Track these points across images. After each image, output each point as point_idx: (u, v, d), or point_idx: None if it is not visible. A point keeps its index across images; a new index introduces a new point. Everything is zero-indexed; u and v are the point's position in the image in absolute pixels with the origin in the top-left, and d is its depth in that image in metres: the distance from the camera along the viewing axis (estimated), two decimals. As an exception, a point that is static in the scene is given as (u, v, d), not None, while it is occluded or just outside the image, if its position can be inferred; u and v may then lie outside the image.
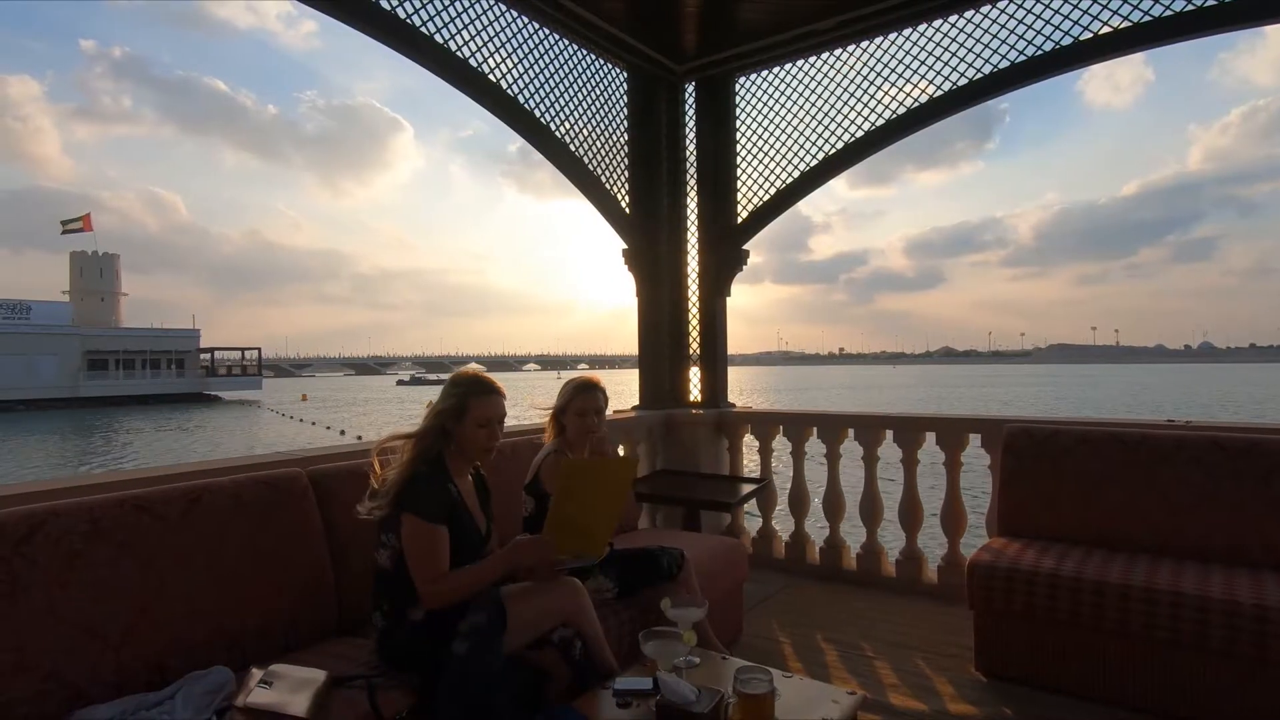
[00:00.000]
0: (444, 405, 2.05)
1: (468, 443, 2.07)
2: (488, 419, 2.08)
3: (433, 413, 2.07)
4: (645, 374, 4.83)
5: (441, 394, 2.10)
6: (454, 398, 2.05)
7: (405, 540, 1.90)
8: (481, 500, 2.20)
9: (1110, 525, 3.02)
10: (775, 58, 4.55)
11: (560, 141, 4.11)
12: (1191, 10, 3.33)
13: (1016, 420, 3.50)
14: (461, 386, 2.08)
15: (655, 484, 4.12)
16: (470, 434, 2.06)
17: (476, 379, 2.12)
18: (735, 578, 3.15)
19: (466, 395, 2.06)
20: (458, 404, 2.04)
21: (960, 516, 3.82)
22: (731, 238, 4.76)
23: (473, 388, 2.08)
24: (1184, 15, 3.34)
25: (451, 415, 2.04)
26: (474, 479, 2.21)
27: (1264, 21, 3.31)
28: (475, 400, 2.06)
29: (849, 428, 4.18)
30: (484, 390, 2.09)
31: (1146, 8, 3.44)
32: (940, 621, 3.43)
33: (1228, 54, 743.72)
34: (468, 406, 2.05)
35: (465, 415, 2.05)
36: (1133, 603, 2.50)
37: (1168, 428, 3.21)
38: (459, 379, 2.12)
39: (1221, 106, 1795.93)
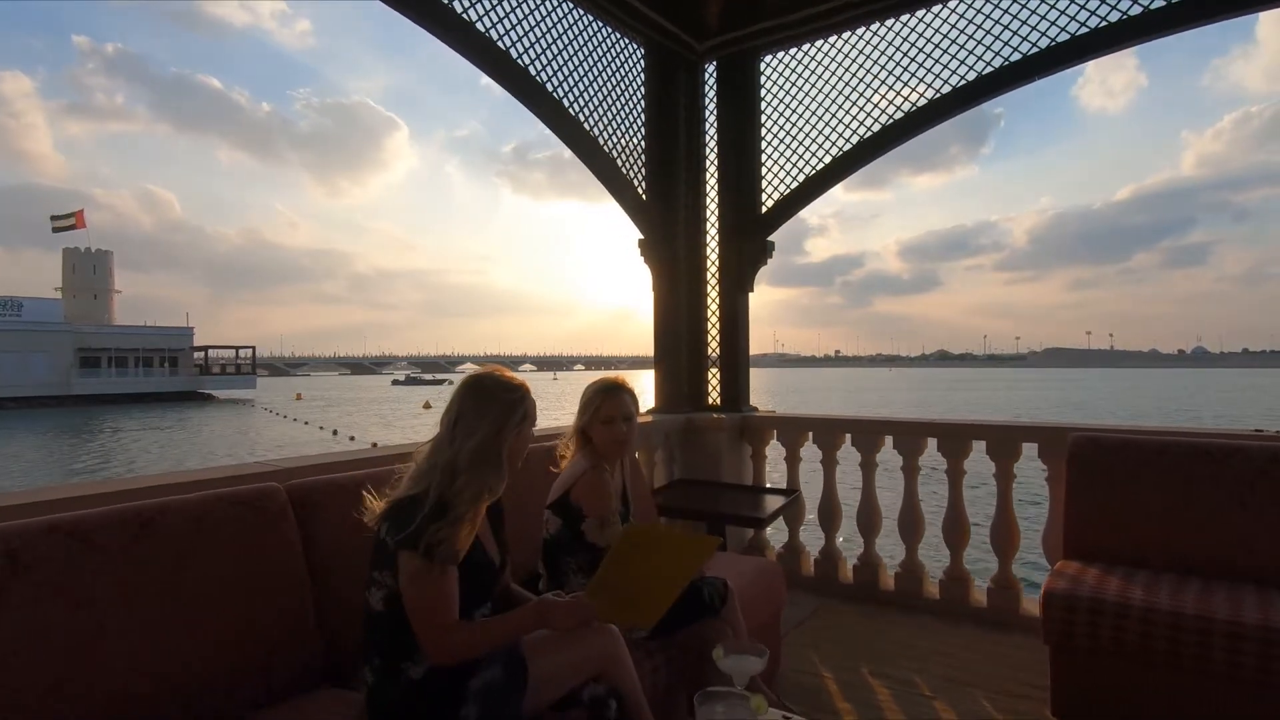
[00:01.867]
0: (507, 412, 1.71)
1: (520, 450, 1.76)
2: (534, 419, 1.77)
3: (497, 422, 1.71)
4: (662, 374, 4.47)
5: (487, 404, 1.70)
6: (518, 403, 1.72)
7: (405, 583, 1.53)
8: (494, 526, 1.83)
9: (1198, 548, 2.68)
10: (805, 34, 4.20)
11: (574, 119, 3.76)
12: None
13: (1082, 428, 3.16)
14: (520, 389, 1.74)
15: (675, 495, 3.76)
16: (522, 442, 1.75)
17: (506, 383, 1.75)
18: (774, 606, 2.79)
19: (526, 395, 1.75)
20: (524, 411, 1.72)
21: (1013, 533, 3.47)
22: (755, 229, 4.41)
23: (521, 387, 1.76)
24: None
25: (517, 420, 1.72)
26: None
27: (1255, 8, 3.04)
28: (530, 401, 1.74)
29: (887, 435, 3.83)
30: (528, 394, 1.78)
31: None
32: (997, 653, 3.08)
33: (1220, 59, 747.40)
34: (528, 408, 1.73)
35: (526, 419, 1.74)
36: (1246, 642, 2.16)
37: (1260, 438, 2.87)
38: (502, 379, 1.75)
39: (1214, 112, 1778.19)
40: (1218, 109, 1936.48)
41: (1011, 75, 3.64)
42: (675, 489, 3.91)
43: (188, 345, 61.15)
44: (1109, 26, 3.37)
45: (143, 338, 58.20)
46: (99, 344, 54.61)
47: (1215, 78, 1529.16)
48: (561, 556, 2.14)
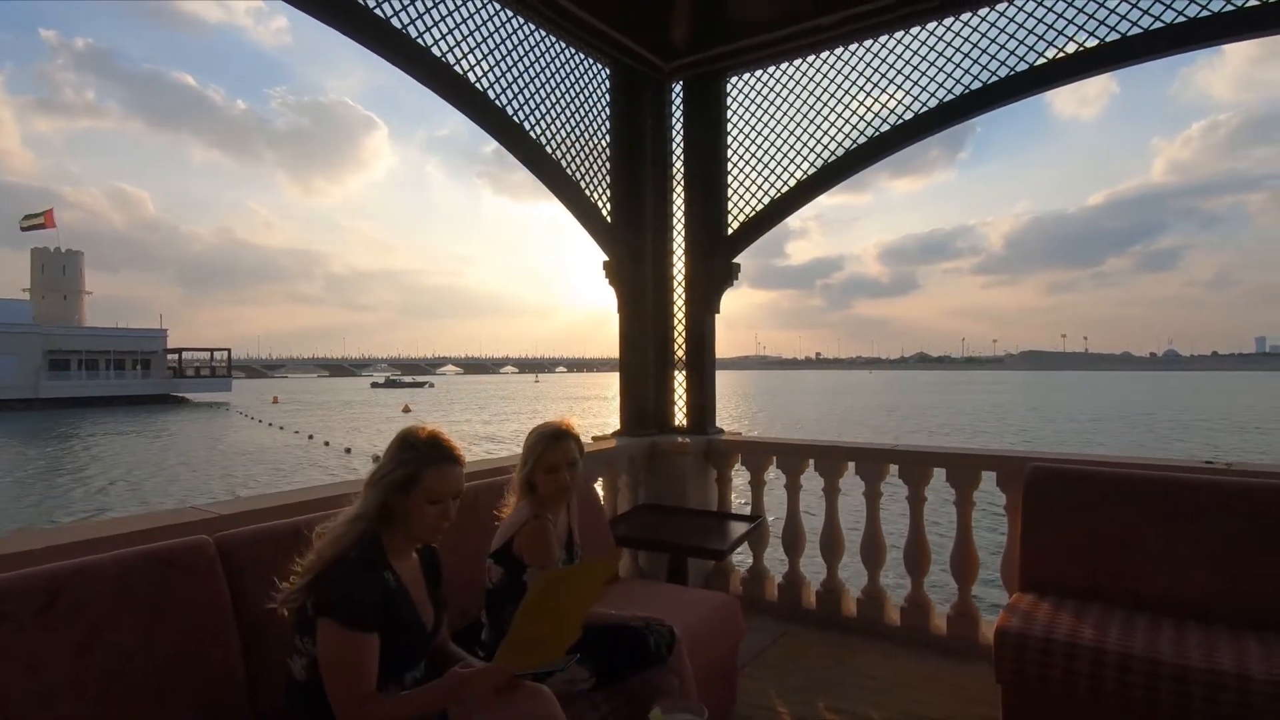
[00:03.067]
0: (388, 470, 1.63)
1: (414, 522, 1.65)
2: (442, 495, 1.65)
3: (375, 476, 1.65)
4: (627, 397, 4.43)
5: (387, 458, 1.67)
6: (407, 465, 1.63)
7: (322, 650, 1.48)
8: (430, 584, 1.78)
9: (1150, 584, 2.69)
10: (771, 56, 4.19)
11: (535, 142, 3.71)
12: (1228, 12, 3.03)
13: (1041, 458, 3.17)
14: (416, 451, 1.65)
15: (638, 522, 3.73)
16: (418, 511, 1.64)
17: (434, 441, 1.68)
18: (730, 642, 2.76)
19: (421, 464, 1.63)
20: (411, 474, 1.62)
21: (972, 562, 3.47)
22: (721, 250, 4.39)
23: (430, 455, 1.66)
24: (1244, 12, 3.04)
25: (399, 483, 1.62)
26: (421, 557, 1.78)
27: (1227, 39, 3.08)
28: (431, 471, 1.64)
29: (850, 460, 3.83)
30: (443, 458, 1.67)
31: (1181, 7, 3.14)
32: (956, 685, 3.08)
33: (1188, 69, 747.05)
34: (421, 477, 1.63)
35: (416, 486, 1.62)
36: (1192, 685, 2.16)
37: (1210, 471, 2.90)
38: (414, 440, 1.67)
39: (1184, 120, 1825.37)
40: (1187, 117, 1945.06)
41: (977, 101, 3.64)
42: (639, 515, 3.87)
43: (161, 347, 60.09)
44: (1068, 58, 3.39)
45: (114, 340, 57.10)
46: (69, 346, 53.50)
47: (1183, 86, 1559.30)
48: (504, 605, 2.10)
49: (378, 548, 1.62)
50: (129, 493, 18.89)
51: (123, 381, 55.80)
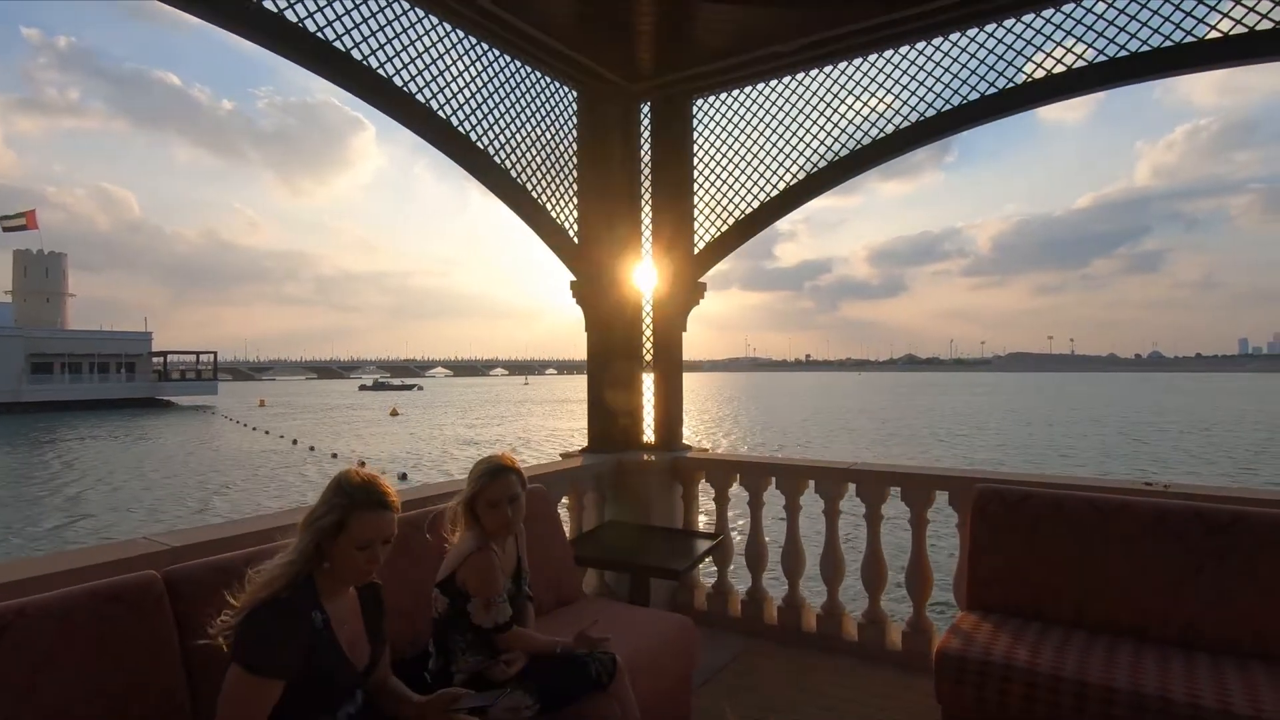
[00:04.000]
0: (320, 513, 1.68)
1: (342, 566, 1.69)
2: (369, 541, 1.69)
3: (309, 518, 1.69)
4: (595, 414, 4.49)
5: (321, 501, 1.71)
6: (337, 510, 1.66)
7: (224, 686, 1.53)
8: (369, 620, 1.82)
9: (1089, 603, 2.78)
10: (734, 80, 4.28)
11: (500, 168, 3.76)
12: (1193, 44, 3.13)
13: (988, 478, 3.25)
14: (346, 497, 1.68)
15: (603, 540, 3.79)
16: (345, 555, 1.67)
17: (367, 487, 1.71)
18: (684, 666, 2.82)
19: (350, 509, 1.67)
20: (339, 519, 1.66)
21: (926, 579, 3.56)
22: (687, 270, 4.46)
23: (359, 499, 1.68)
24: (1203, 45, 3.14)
25: (329, 527, 1.66)
26: (361, 592, 1.83)
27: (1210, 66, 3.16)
28: (359, 516, 1.67)
29: (810, 479, 3.90)
30: (373, 504, 1.69)
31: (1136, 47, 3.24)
32: (908, 702, 3.15)
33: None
34: (349, 524, 1.66)
35: (344, 532, 1.66)
36: (1116, 707, 2.25)
37: (1147, 493, 2.99)
38: (345, 484, 1.71)
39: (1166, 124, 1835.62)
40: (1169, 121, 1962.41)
41: (934, 127, 3.73)
42: (605, 532, 3.93)
43: (146, 350, 59.60)
44: (1025, 85, 3.48)
45: (98, 342, 56.58)
46: (51, 349, 52.96)
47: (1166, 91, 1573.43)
48: (451, 635, 2.15)
49: (310, 588, 1.66)
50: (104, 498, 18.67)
51: (106, 385, 55.29)
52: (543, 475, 3.69)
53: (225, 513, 16.57)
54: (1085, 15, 3.30)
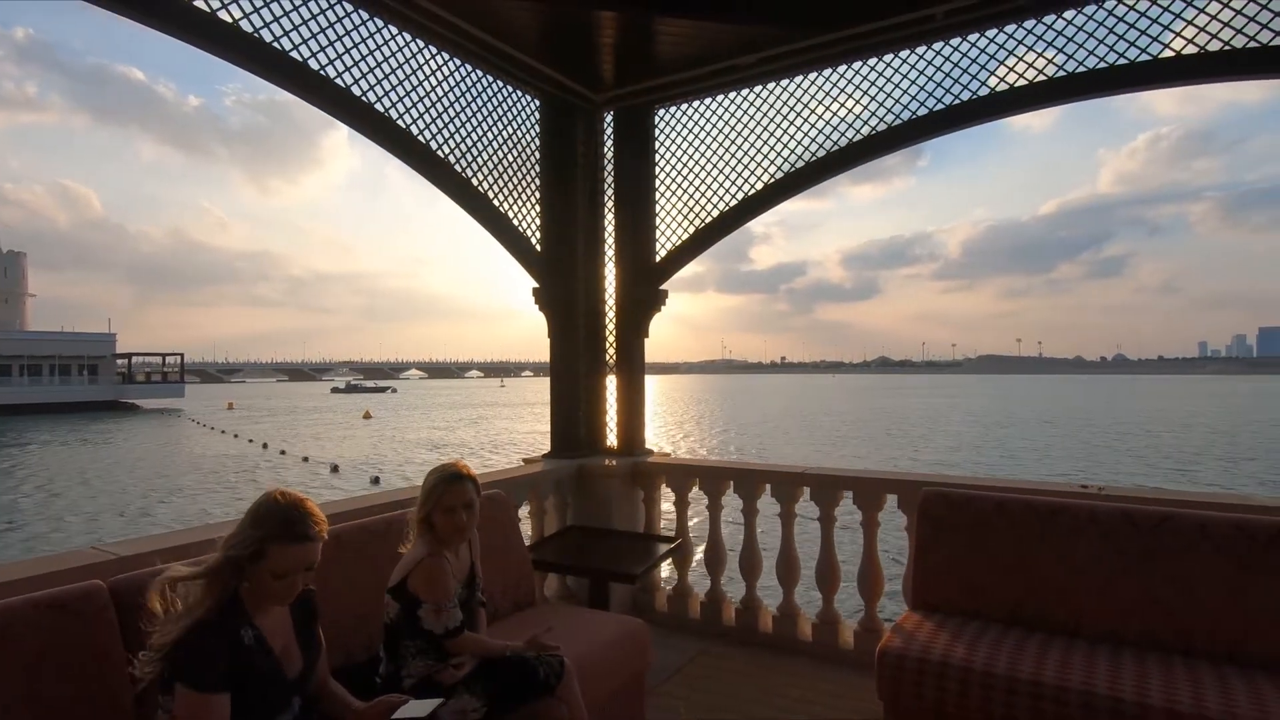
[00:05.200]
0: (237, 542, 1.65)
1: (261, 590, 1.68)
2: (287, 571, 1.66)
3: (226, 544, 1.66)
4: (557, 420, 4.54)
5: (240, 526, 1.69)
6: (253, 542, 1.64)
7: (176, 711, 1.54)
8: (300, 629, 1.83)
9: (1026, 602, 2.89)
10: (694, 92, 4.36)
11: (461, 177, 3.80)
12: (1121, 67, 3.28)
13: (934, 482, 3.36)
14: (264, 529, 1.66)
15: (564, 544, 3.83)
16: (262, 582, 1.67)
17: (288, 517, 1.66)
18: (635, 669, 2.88)
19: (266, 541, 1.64)
20: (256, 550, 1.64)
21: (877, 580, 3.66)
22: (650, 277, 4.53)
23: (277, 532, 1.65)
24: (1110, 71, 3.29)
25: (247, 558, 1.65)
26: (295, 603, 1.83)
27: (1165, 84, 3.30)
28: (277, 549, 1.64)
29: (766, 482, 3.99)
30: (294, 537, 1.66)
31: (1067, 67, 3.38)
32: (858, 700, 3.23)
33: None
34: (266, 554, 1.64)
35: (262, 561, 1.65)
36: (1044, 703, 2.35)
37: (1082, 495, 3.12)
38: (266, 513, 1.67)
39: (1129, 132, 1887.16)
40: (1132, 129, 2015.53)
41: (906, 134, 3.79)
42: (567, 537, 3.98)
43: (109, 352, 58.19)
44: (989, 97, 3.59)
45: (59, 344, 55.16)
46: (10, 351, 51.55)
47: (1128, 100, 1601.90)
48: (401, 640, 2.19)
49: (237, 605, 1.66)
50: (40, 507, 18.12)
51: (68, 388, 53.90)
52: (503, 481, 3.73)
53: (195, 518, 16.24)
54: (1046, 31, 3.41)
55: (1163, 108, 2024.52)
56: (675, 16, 3.67)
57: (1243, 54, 3.02)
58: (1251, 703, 2.16)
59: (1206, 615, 2.59)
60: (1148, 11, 3.20)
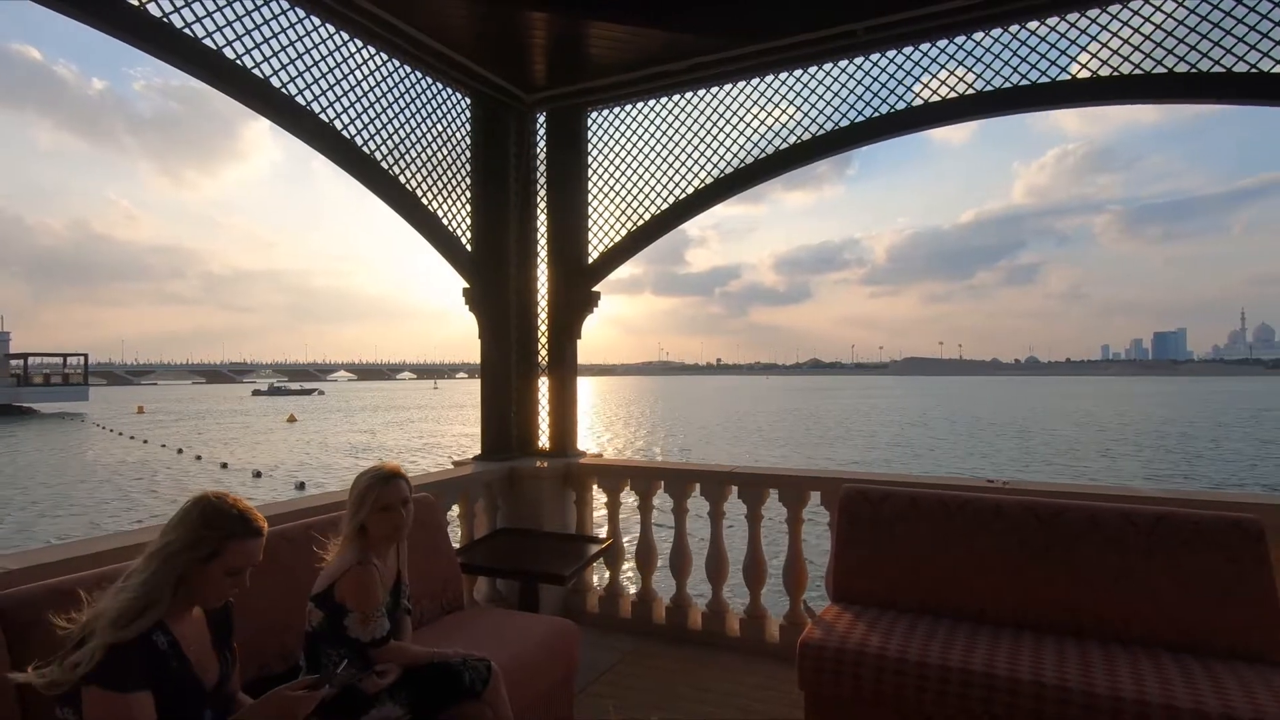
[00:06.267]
0: (190, 544, 1.63)
1: (205, 590, 1.67)
2: (241, 568, 1.69)
3: (171, 549, 1.62)
4: (488, 422, 4.50)
5: (183, 523, 1.66)
6: (210, 541, 1.64)
7: (91, 718, 1.47)
8: (218, 637, 1.78)
9: (938, 591, 3.04)
10: (627, 95, 4.40)
11: (388, 174, 3.72)
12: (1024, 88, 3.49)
13: (854, 479, 3.50)
14: (221, 528, 1.66)
15: (493, 547, 3.80)
16: (213, 580, 1.66)
17: (242, 513, 1.70)
18: (565, 670, 2.89)
19: (226, 539, 1.65)
20: (214, 549, 1.64)
21: (802, 575, 3.78)
22: (582, 279, 4.54)
23: (237, 529, 1.67)
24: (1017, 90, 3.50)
25: (200, 558, 1.63)
26: (209, 612, 1.78)
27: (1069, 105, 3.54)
28: (236, 545, 1.66)
29: (696, 482, 4.06)
30: (251, 532, 1.69)
31: (976, 84, 3.58)
32: (783, 692, 3.33)
33: None
34: (225, 551, 1.65)
35: (217, 559, 1.65)
36: (951, 685, 2.49)
37: (989, 489, 3.30)
38: (216, 511, 1.68)
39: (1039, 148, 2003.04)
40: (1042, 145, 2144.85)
41: (835, 142, 3.93)
42: (496, 540, 3.94)
43: (2, 352, 53.91)
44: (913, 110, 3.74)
45: (-57, 344, 50.76)
46: (-116, 351, 47.08)
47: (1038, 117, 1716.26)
48: (323, 648, 2.13)
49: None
50: None
51: (-46, 391, 49.66)
52: (432, 484, 3.67)
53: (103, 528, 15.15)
54: (956, 51, 3.61)
55: (1069, 126, 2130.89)
56: (607, 21, 3.70)
57: (1137, 80, 3.28)
58: (1132, 679, 2.34)
59: (1096, 599, 2.79)
60: (1048, 38, 3.43)
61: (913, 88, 3.73)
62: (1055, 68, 3.43)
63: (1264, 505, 2.94)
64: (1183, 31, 3.17)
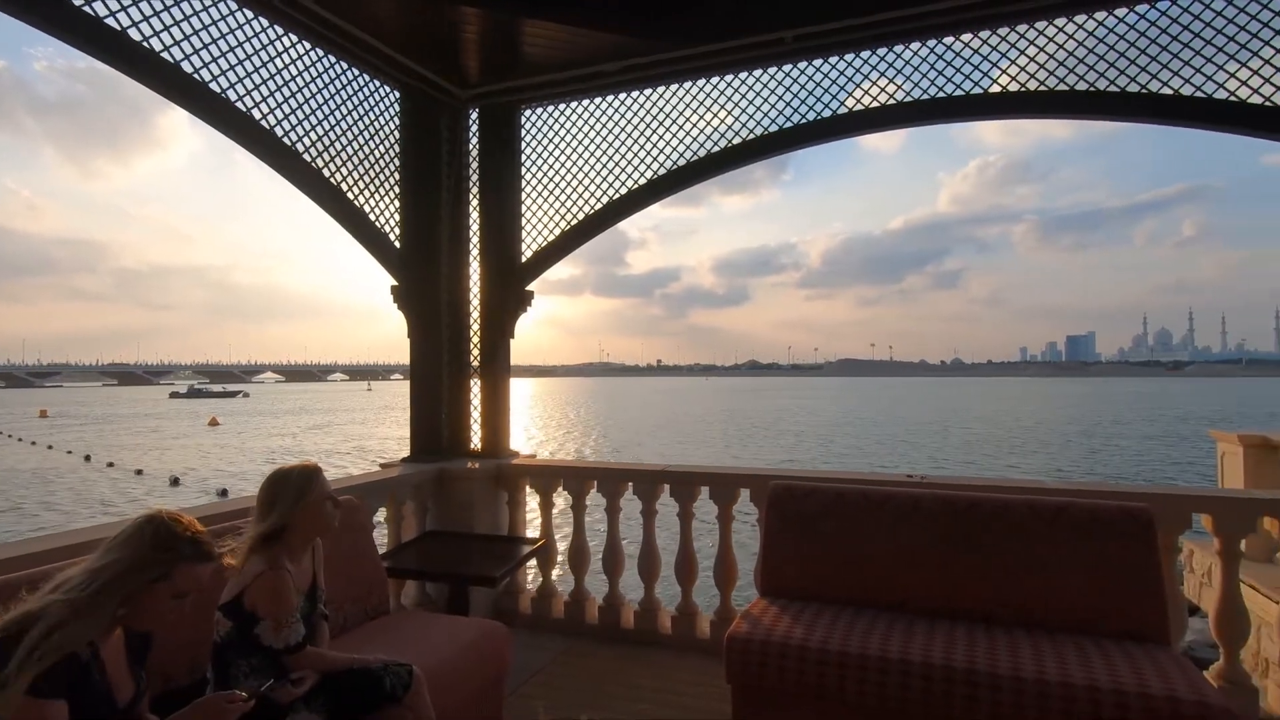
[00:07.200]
0: (138, 565, 1.56)
1: (147, 612, 1.60)
2: (189, 590, 1.63)
3: (118, 568, 1.54)
4: (417, 422, 4.40)
5: (130, 542, 1.58)
6: (162, 563, 1.57)
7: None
8: (135, 657, 1.69)
9: (860, 583, 3.13)
10: (562, 94, 4.38)
11: (310, 166, 3.60)
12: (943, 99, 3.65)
13: (782, 476, 3.58)
14: (173, 551, 1.59)
15: (422, 550, 3.71)
16: (156, 603, 1.59)
17: (195, 538, 1.64)
18: (493, 673, 2.85)
19: (176, 563, 1.59)
20: (164, 572, 1.58)
21: (732, 570, 3.84)
22: (515, 277, 4.50)
23: (188, 553, 1.61)
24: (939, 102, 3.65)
25: (147, 580, 1.56)
26: (127, 632, 1.69)
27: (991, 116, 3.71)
28: (186, 570, 1.61)
29: (629, 481, 4.08)
30: (202, 556, 1.64)
31: (898, 95, 3.73)
32: (713, 686, 3.37)
33: None
34: (173, 575, 1.59)
35: (165, 582, 1.58)
36: (870, 673, 2.58)
37: (908, 484, 3.44)
38: (169, 534, 1.61)
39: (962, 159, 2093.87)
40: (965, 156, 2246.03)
41: (770, 144, 3.99)
42: (425, 542, 3.85)
43: (-118, 352, 49.50)
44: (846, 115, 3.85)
45: None
46: None
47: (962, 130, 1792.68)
48: (233, 659, 2.04)
49: None
50: None
51: None
52: (356, 486, 3.56)
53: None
54: (879, 63, 3.74)
55: (990, 138, 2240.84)
56: (539, 19, 3.68)
57: (1054, 96, 3.47)
58: (1033, 661, 2.48)
59: (1006, 586, 2.93)
60: (971, 57, 3.59)
61: (838, 96, 3.85)
62: (975, 83, 3.60)
63: (1154, 495, 3.16)
64: (1101, 51, 3.37)
